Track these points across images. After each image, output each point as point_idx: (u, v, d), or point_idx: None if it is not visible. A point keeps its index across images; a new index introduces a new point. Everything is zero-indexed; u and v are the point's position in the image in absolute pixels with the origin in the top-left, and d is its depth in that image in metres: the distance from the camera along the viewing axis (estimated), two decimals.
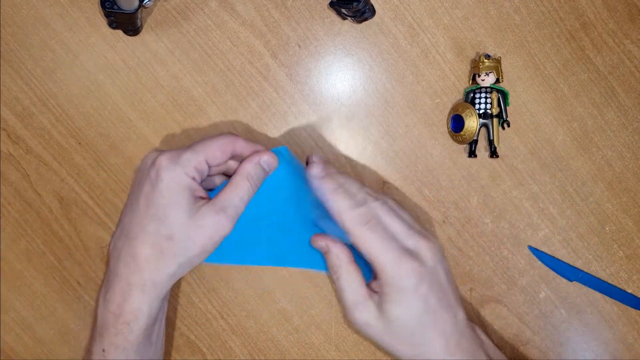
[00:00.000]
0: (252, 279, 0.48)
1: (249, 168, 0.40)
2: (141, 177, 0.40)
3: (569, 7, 0.47)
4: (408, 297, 0.40)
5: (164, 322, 0.42)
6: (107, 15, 0.42)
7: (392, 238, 0.41)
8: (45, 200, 0.47)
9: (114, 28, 0.45)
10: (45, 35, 0.45)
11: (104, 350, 0.39)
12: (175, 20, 0.46)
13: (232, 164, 0.42)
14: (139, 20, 0.43)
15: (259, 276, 0.48)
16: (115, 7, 0.40)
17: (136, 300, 0.38)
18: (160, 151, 0.40)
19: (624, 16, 0.47)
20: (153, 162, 0.39)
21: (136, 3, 0.41)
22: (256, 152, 0.41)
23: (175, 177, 0.38)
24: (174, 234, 0.38)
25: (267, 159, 0.41)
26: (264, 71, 0.46)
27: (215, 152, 0.40)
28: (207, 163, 0.40)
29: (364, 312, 0.41)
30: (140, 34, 0.46)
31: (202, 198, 0.40)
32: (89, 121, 0.46)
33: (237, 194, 0.40)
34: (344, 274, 0.42)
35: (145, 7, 0.42)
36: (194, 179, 0.39)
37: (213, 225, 0.39)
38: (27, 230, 0.47)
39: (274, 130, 0.47)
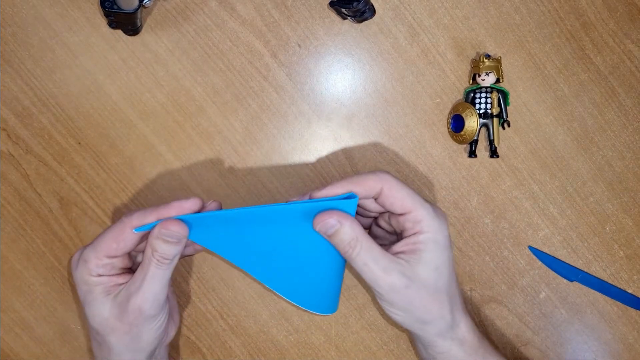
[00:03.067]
0: (252, 279, 0.48)
1: (149, 252, 0.37)
2: None
3: (569, 7, 0.47)
4: (443, 249, 0.39)
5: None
6: (107, 15, 0.42)
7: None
8: (45, 200, 0.47)
9: (113, 28, 0.45)
10: (45, 35, 0.45)
11: None
12: (175, 20, 0.46)
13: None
14: (138, 20, 0.43)
15: None
16: (115, 7, 0.40)
17: None
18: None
19: (624, 16, 0.47)
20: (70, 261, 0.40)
21: (136, 3, 0.41)
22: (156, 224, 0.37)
23: (81, 279, 0.38)
24: (98, 330, 0.39)
25: (165, 233, 0.37)
26: (264, 71, 0.46)
27: (111, 247, 0.38)
28: (110, 257, 0.38)
29: (399, 274, 0.38)
30: (140, 33, 0.45)
31: (124, 284, 0.39)
32: (89, 121, 0.46)
33: (150, 296, 0.38)
34: (366, 244, 0.38)
35: (145, 7, 0.42)
36: (100, 275, 0.38)
37: (134, 322, 0.38)
38: (27, 230, 0.47)
39: (274, 130, 0.47)
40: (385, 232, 0.44)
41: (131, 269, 0.41)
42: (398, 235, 0.42)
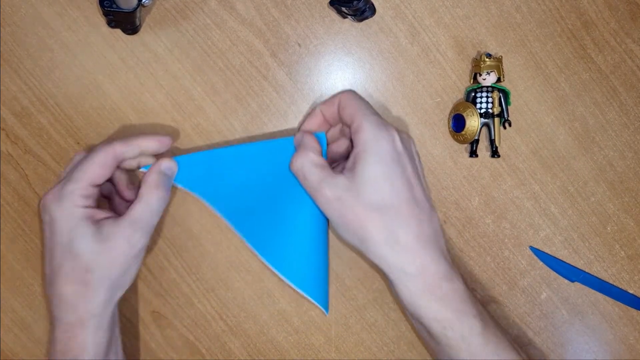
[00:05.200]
0: (252, 279, 0.48)
1: (153, 179, 0.40)
2: (41, 224, 0.41)
3: (570, 6, 0.46)
4: (383, 162, 0.38)
5: (119, 347, 0.42)
6: (106, 14, 0.42)
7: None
8: None
9: (112, 27, 0.45)
10: (44, 34, 0.45)
11: None
12: (174, 19, 0.45)
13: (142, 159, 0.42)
14: (137, 19, 0.43)
15: (258, 277, 0.48)
16: (114, 5, 0.40)
17: (79, 335, 0.39)
18: (46, 194, 0.40)
19: (626, 15, 0.47)
20: (43, 206, 0.39)
21: (135, 2, 0.40)
22: (156, 161, 0.41)
23: (67, 213, 0.38)
24: (89, 265, 0.38)
25: (166, 165, 0.41)
26: (264, 70, 0.46)
27: (96, 172, 0.39)
28: (94, 185, 0.39)
29: (336, 185, 0.38)
30: (139, 33, 0.45)
31: (106, 218, 0.40)
32: (88, 121, 0.46)
33: (147, 207, 0.40)
34: (312, 153, 0.40)
35: (144, 6, 0.41)
36: (86, 206, 0.39)
37: (126, 242, 0.39)
38: (25, 230, 0.47)
39: (274, 130, 0.47)
40: None
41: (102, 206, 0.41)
42: None
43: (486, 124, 0.46)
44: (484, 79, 0.45)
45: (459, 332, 0.38)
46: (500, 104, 0.46)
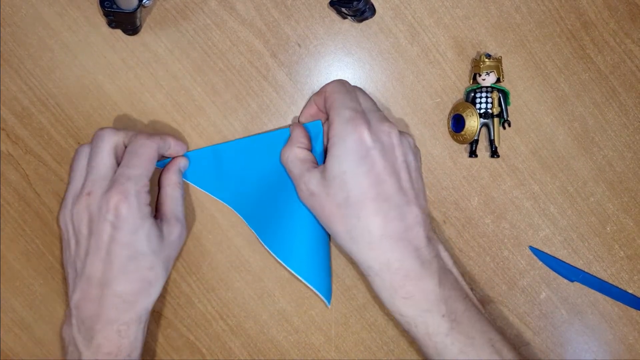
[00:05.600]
0: (252, 279, 0.48)
1: (174, 178, 0.43)
2: (89, 223, 0.39)
3: (569, 7, 0.46)
4: (351, 157, 0.37)
5: None
6: (107, 14, 0.42)
7: (357, 104, 0.40)
8: (45, 200, 0.47)
9: (113, 27, 0.45)
10: (45, 34, 0.45)
11: None
12: (174, 20, 0.46)
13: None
14: (138, 20, 0.43)
15: (258, 277, 0.48)
16: (114, 6, 0.40)
17: (133, 332, 0.40)
18: (90, 194, 0.39)
19: (625, 15, 0.47)
20: (105, 205, 0.38)
21: (135, 2, 0.40)
22: (173, 159, 0.44)
23: (136, 212, 0.38)
24: (152, 263, 0.40)
25: (184, 163, 0.44)
26: (264, 71, 0.46)
27: (150, 168, 0.41)
28: (149, 178, 0.40)
29: (309, 181, 0.39)
30: (140, 33, 0.45)
31: (155, 216, 0.42)
32: (88, 121, 0.46)
33: (176, 202, 0.43)
34: (298, 149, 0.41)
35: (145, 7, 0.41)
36: (149, 204, 0.40)
37: (179, 237, 0.42)
38: (26, 230, 0.47)
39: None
40: None
41: None
42: None
43: (486, 124, 0.46)
44: (484, 80, 0.45)
45: (424, 330, 0.39)
46: (499, 104, 0.46)
